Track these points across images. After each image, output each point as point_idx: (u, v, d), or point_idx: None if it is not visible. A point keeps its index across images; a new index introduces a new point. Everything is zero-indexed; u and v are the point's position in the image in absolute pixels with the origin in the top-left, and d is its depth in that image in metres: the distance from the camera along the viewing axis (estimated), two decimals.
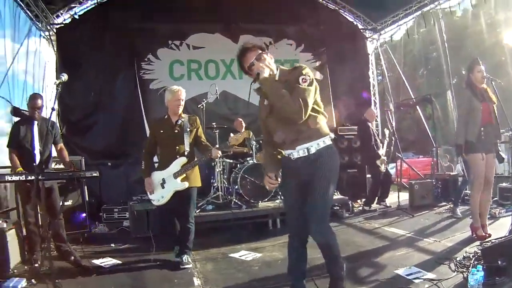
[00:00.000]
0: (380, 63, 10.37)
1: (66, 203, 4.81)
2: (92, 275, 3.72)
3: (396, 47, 9.97)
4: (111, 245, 4.97)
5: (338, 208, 6.15)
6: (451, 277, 3.13)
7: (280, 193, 5.49)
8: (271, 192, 5.60)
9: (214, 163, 5.99)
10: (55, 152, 4.31)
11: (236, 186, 5.82)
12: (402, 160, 7.86)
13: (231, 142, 3.77)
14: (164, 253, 4.28)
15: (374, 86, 10.12)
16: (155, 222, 5.20)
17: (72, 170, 3.76)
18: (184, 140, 3.90)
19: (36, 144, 4.01)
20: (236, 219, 5.42)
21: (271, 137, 2.67)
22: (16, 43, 6.61)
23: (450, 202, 6.32)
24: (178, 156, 3.87)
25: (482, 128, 4.11)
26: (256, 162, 6.00)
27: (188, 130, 3.93)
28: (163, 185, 3.89)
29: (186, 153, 3.89)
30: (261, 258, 4.13)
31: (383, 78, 10.78)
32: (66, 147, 4.39)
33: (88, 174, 3.66)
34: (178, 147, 3.89)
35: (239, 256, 4.24)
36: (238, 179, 5.72)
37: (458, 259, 3.48)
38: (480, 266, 2.93)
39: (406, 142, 15.33)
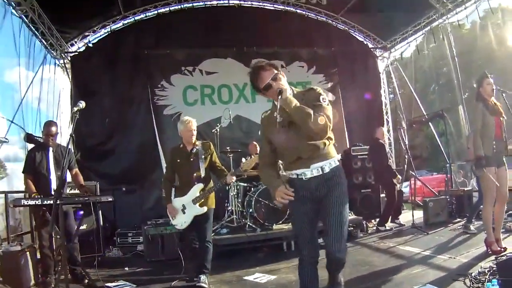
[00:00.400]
0: (391, 81, 10.36)
1: (81, 227, 4.85)
2: None
3: (406, 64, 9.93)
4: (125, 268, 4.98)
5: (352, 228, 6.08)
6: None
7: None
8: (285, 214, 5.58)
9: (229, 187, 6.02)
10: (70, 177, 4.39)
11: (250, 209, 5.80)
12: (416, 178, 7.74)
13: (243, 167, 3.95)
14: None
15: (386, 105, 10.13)
16: (170, 246, 5.22)
17: (88, 195, 3.84)
18: (200, 167, 4.03)
19: (52, 170, 4.12)
20: (250, 242, 5.41)
21: (275, 157, 2.67)
22: (31, 71, 6.80)
23: (464, 218, 6.18)
24: (195, 182, 4.00)
25: (494, 142, 4.09)
26: None
27: (203, 157, 4.07)
28: (184, 210, 4.02)
29: (203, 178, 4.03)
30: (275, 280, 4.09)
31: (395, 96, 10.77)
32: (81, 172, 4.47)
33: (103, 199, 3.77)
34: (195, 174, 4.02)
35: (254, 279, 4.20)
36: (253, 202, 5.71)
37: (473, 274, 3.41)
38: (495, 281, 2.90)
39: (420, 159, 15.13)
